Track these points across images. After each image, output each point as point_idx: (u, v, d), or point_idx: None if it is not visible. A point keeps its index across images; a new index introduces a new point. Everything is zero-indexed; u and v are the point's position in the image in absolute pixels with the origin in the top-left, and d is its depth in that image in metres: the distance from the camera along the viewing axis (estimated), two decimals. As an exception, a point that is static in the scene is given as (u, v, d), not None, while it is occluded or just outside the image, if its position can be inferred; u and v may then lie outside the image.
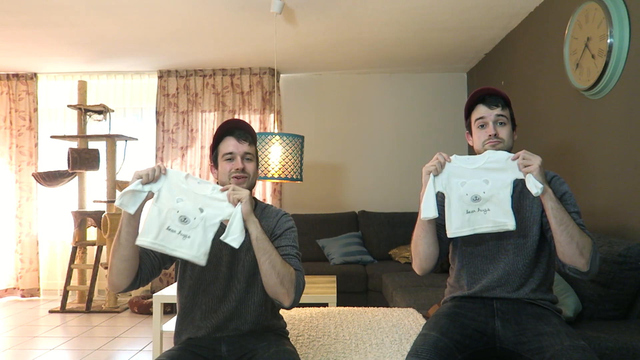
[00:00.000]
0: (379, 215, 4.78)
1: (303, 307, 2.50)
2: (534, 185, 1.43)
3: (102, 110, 4.70)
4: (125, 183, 4.56)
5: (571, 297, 2.01)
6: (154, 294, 3.05)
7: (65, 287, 4.53)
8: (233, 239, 1.38)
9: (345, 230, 4.72)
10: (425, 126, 5.15)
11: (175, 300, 1.70)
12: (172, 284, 3.39)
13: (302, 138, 3.46)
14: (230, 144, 1.57)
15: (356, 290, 4.07)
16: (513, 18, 3.61)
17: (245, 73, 4.99)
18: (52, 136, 4.76)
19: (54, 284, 5.13)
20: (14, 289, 5.02)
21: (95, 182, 4.90)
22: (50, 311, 4.44)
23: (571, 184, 2.84)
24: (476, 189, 1.51)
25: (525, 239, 1.61)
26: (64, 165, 4.73)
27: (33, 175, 4.64)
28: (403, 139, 5.17)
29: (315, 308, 2.45)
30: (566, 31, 2.84)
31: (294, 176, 3.35)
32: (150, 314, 4.22)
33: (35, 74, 5.06)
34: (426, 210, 1.51)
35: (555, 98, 3.14)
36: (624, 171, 2.42)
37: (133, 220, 1.39)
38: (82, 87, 4.74)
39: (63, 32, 3.89)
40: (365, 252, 4.48)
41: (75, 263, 4.67)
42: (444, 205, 1.54)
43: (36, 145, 5.05)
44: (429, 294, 3.08)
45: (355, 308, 2.44)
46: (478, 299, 1.67)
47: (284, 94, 5.21)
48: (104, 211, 4.58)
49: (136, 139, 4.77)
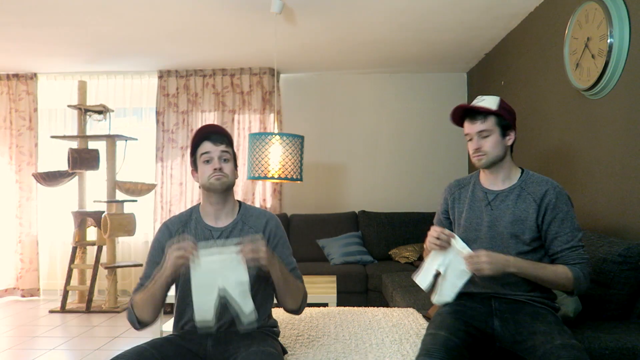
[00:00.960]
0: (379, 215, 4.78)
1: (303, 307, 2.50)
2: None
3: (102, 110, 4.70)
4: (126, 183, 4.56)
5: (571, 297, 2.01)
6: (154, 294, 3.04)
7: (65, 287, 4.53)
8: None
9: (345, 230, 4.72)
10: (425, 126, 5.15)
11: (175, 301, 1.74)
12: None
13: (302, 138, 3.46)
14: (207, 147, 1.64)
15: (356, 290, 4.07)
16: (513, 18, 3.61)
17: (245, 73, 4.99)
18: (52, 136, 4.77)
19: (54, 284, 5.13)
20: (14, 289, 5.02)
21: (95, 182, 4.90)
22: (50, 311, 4.44)
23: (571, 184, 2.85)
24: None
25: (521, 238, 1.64)
26: (64, 165, 4.73)
27: (33, 175, 4.64)
28: (403, 138, 5.16)
29: (315, 308, 2.45)
30: (566, 31, 2.84)
31: (294, 176, 3.35)
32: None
33: (35, 74, 5.06)
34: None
35: (555, 98, 3.14)
36: (624, 171, 2.42)
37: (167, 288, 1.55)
38: (82, 87, 4.74)
39: (63, 32, 3.89)
40: (365, 252, 4.48)
41: (75, 263, 4.67)
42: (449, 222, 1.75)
43: (36, 145, 5.05)
44: (429, 294, 3.07)
45: (355, 308, 2.44)
46: (477, 298, 1.67)
47: (284, 94, 5.21)
48: (104, 211, 4.57)
49: (136, 139, 4.77)
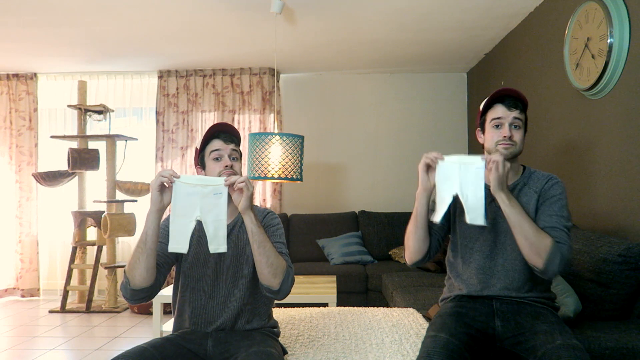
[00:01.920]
0: (379, 215, 4.78)
1: (303, 307, 2.51)
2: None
3: (102, 110, 4.70)
4: (126, 183, 4.56)
5: (571, 297, 2.01)
6: (154, 294, 3.05)
7: (65, 287, 4.53)
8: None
9: (345, 230, 4.72)
10: (425, 126, 5.16)
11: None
12: (172, 284, 3.38)
13: (302, 138, 3.46)
14: (217, 144, 1.64)
15: (356, 290, 4.07)
16: (513, 18, 3.62)
17: (245, 73, 4.99)
18: (52, 136, 4.77)
19: (54, 284, 5.14)
20: (14, 289, 5.02)
21: (95, 182, 4.90)
22: (50, 311, 4.44)
23: (571, 184, 2.85)
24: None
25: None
26: (64, 165, 4.73)
27: (33, 175, 4.64)
28: (403, 138, 5.17)
29: (315, 308, 2.45)
30: (566, 31, 2.84)
31: (294, 176, 3.35)
32: (150, 314, 4.22)
33: (35, 74, 5.06)
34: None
35: (555, 98, 3.14)
36: (624, 171, 2.42)
37: (158, 228, 1.49)
38: (82, 87, 4.74)
39: (63, 32, 3.89)
40: (365, 252, 4.48)
41: (75, 263, 4.67)
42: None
43: (36, 145, 5.05)
44: (429, 294, 3.08)
45: (355, 308, 2.44)
46: (478, 299, 1.67)
47: (284, 94, 5.21)
48: (104, 211, 4.57)
49: (136, 139, 4.77)
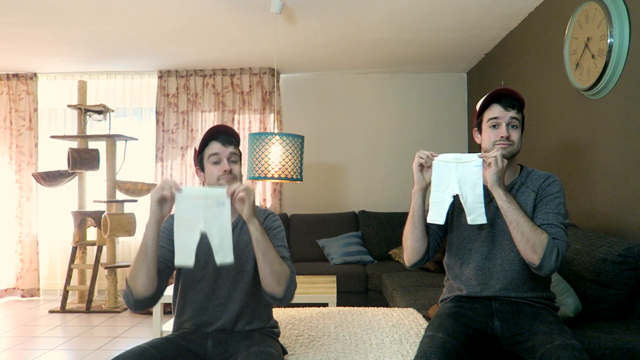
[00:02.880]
0: (379, 215, 4.78)
1: (303, 307, 2.51)
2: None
3: (102, 110, 4.70)
4: (126, 183, 4.56)
5: (571, 297, 2.01)
6: (154, 294, 3.05)
7: (65, 287, 4.53)
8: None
9: (345, 230, 4.72)
10: (425, 126, 5.15)
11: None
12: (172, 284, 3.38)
13: (302, 138, 3.46)
14: (215, 147, 1.63)
15: (356, 290, 4.07)
16: (513, 18, 3.61)
17: (245, 73, 4.99)
18: (52, 136, 4.76)
19: (54, 284, 5.14)
20: (14, 289, 5.02)
21: (95, 182, 4.90)
22: (50, 311, 4.44)
23: (571, 184, 2.85)
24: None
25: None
26: (64, 165, 4.73)
27: (33, 175, 4.64)
28: (403, 138, 5.17)
29: (315, 308, 2.45)
30: (566, 31, 2.84)
31: (294, 176, 3.35)
32: (150, 314, 4.22)
33: (35, 74, 5.06)
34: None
35: (555, 98, 3.14)
36: (624, 171, 2.42)
37: (157, 238, 1.47)
38: (82, 87, 4.74)
39: (63, 32, 3.89)
40: (365, 252, 4.48)
41: (75, 263, 4.67)
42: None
43: (36, 145, 5.05)
44: (429, 294, 3.08)
45: (355, 308, 2.44)
46: (477, 300, 1.67)
47: (284, 94, 5.21)
48: (104, 211, 4.57)
49: (136, 139, 4.77)
